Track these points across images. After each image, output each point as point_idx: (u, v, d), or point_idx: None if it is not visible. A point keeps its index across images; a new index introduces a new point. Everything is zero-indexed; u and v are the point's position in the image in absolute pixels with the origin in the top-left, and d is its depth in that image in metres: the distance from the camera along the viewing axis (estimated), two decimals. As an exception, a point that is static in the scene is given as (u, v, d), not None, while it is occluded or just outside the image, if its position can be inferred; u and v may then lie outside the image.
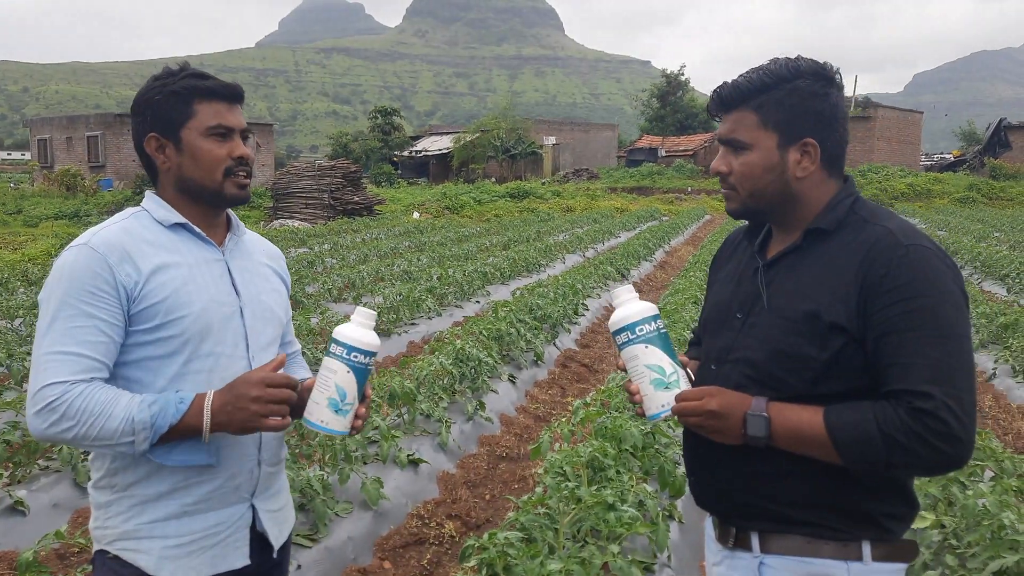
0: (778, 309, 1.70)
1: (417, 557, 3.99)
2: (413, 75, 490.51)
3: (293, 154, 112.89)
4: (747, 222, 1.89)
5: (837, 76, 1.71)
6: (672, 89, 59.81)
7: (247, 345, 1.84)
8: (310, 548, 3.70)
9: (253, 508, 1.87)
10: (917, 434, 1.51)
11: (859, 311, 1.59)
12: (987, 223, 21.70)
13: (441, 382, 5.78)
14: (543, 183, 40.85)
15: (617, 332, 1.75)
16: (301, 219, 24.68)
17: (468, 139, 47.01)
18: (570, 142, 53.90)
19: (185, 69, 1.84)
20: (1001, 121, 42.98)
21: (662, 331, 1.74)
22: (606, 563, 2.92)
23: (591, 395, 5.25)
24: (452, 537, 4.19)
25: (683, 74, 60.06)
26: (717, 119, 1.79)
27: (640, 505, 3.47)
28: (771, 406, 1.63)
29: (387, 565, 3.90)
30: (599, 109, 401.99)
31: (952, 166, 44.15)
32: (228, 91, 1.84)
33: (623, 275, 12.72)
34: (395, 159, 51.64)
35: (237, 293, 1.86)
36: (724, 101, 1.73)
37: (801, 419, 1.61)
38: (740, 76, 1.73)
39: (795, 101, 1.68)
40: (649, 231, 19.25)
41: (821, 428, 1.58)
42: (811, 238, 1.71)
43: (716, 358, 1.81)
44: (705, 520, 1.94)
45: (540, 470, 4.07)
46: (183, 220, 1.83)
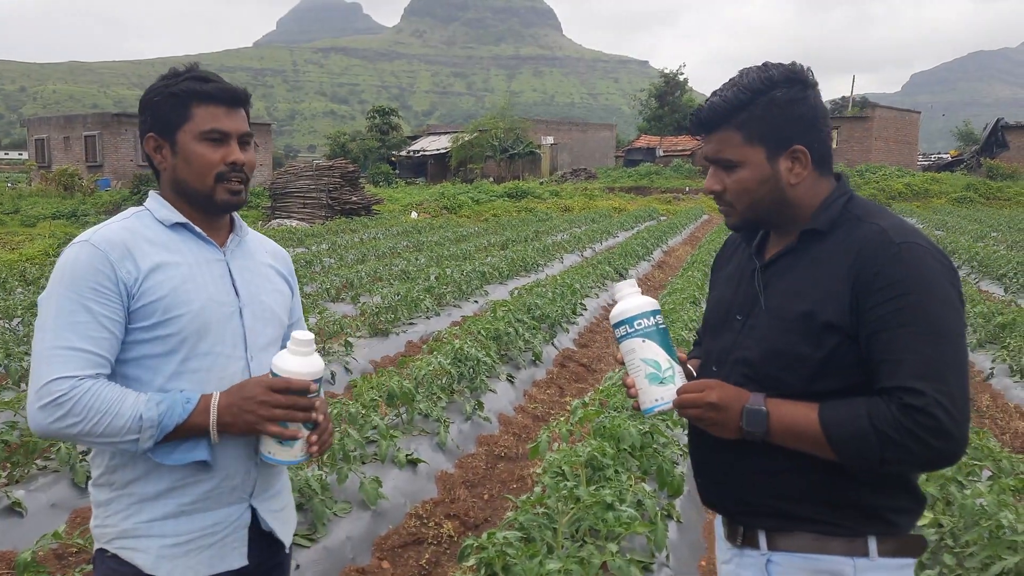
0: (775, 310, 1.72)
1: (416, 557, 3.99)
2: (411, 75, 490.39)
3: (291, 154, 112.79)
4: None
5: (810, 75, 1.71)
6: (670, 89, 59.82)
7: (246, 345, 1.84)
8: (308, 548, 3.70)
9: (253, 509, 1.86)
10: (908, 430, 1.52)
11: (852, 309, 1.60)
12: (984, 223, 21.72)
13: (439, 382, 5.78)
14: (541, 183, 40.84)
15: (617, 325, 1.78)
16: (299, 219, 24.68)
17: (466, 139, 47.01)
18: (568, 142, 53.91)
19: (191, 71, 1.83)
20: (998, 121, 42.99)
21: (661, 326, 1.76)
22: (605, 562, 2.92)
23: (589, 395, 5.25)
24: (451, 537, 4.19)
25: (682, 74, 60.10)
26: (699, 139, 1.79)
27: (638, 505, 3.47)
28: (769, 401, 1.65)
29: (386, 565, 3.90)
30: (597, 109, 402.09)
31: (949, 166, 44.18)
32: (227, 95, 1.82)
33: (621, 275, 12.72)
34: (393, 159, 51.64)
35: (237, 293, 1.85)
36: (704, 123, 1.74)
37: (797, 414, 1.62)
38: (715, 96, 1.73)
39: (775, 112, 1.68)
40: (647, 231, 19.26)
41: (816, 424, 1.60)
42: (806, 239, 1.73)
43: (717, 359, 1.82)
44: (715, 519, 1.95)
45: (538, 470, 4.08)
46: (184, 220, 1.84)
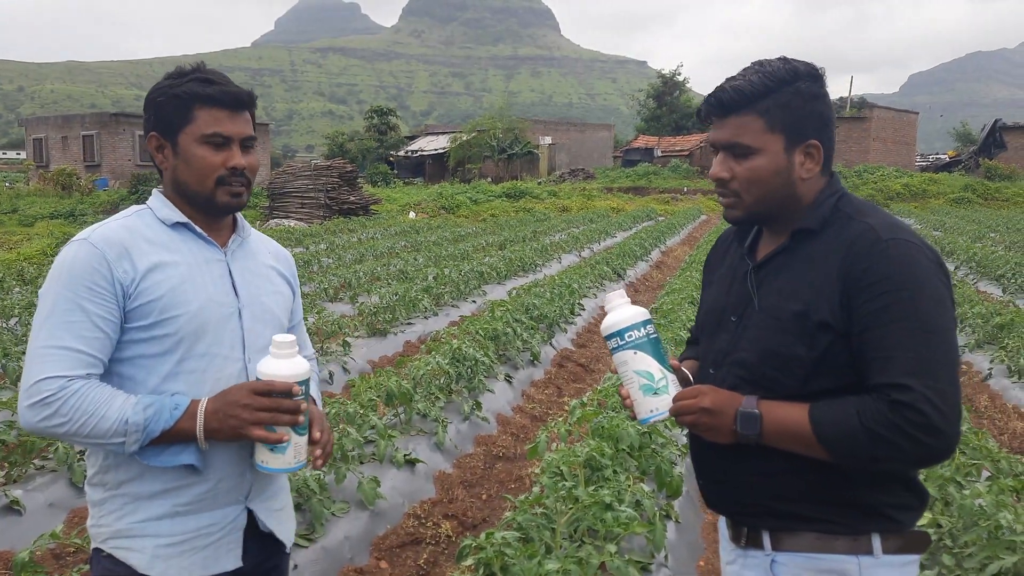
0: (768, 310, 1.71)
1: (414, 557, 3.99)
2: (409, 75, 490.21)
3: (289, 154, 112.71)
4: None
5: (823, 75, 1.73)
6: (668, 89, 59.87)
7: (244, 347, 1.83)
8: (307, 548, 3.69)
9: (249, 511, 1.86)
10: (897, 426, 1.52)
11: (843, 307, 1.60)
12: (982, 223, 21.74)
13: (438, 382, 5.77)
14: (539, 183, 40.83)
15: (608, 337, 1.77)
16: (297, 219, 24.66)
17: (464, 139, 47.00)
18: (566, 142, 53.92)
19: (196, 71, 1.81)
20: (996, 122, 43.05)
21: (652, 336, 1.75)
22: (603, 563, 2.92)
23: (588, 395, 5.24)
24: (449, 537, 4.18)
25: (679, 74, 60.15)
26: (708, 123, 1.75)
27: (637, 505, 3.47)
28: (761, 404, 1.65)
29: (384, 565, 3.90)
30: (595, 109, 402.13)
31: (947, 167, 44.20)
32: (231, 98, 1.80)
33: (619, 275, 12.72)
34: (391, 159, 51.63)
35: (236, 294, 1.85)
36: (726, 105, 1.69)
37: (789, 416, 1.62)
38: (738, 79, 1.69)
39: (799, 104, 1.67)
40: (645, 231, 19.27)
41: (807, 425, 1.60)
42: (798, 238, 1.72)
43: (713, 361, 1.82)
44: (716, 520, 1.95)
45: (537, 470, 4.08)
46: (185, 219, 1.83)
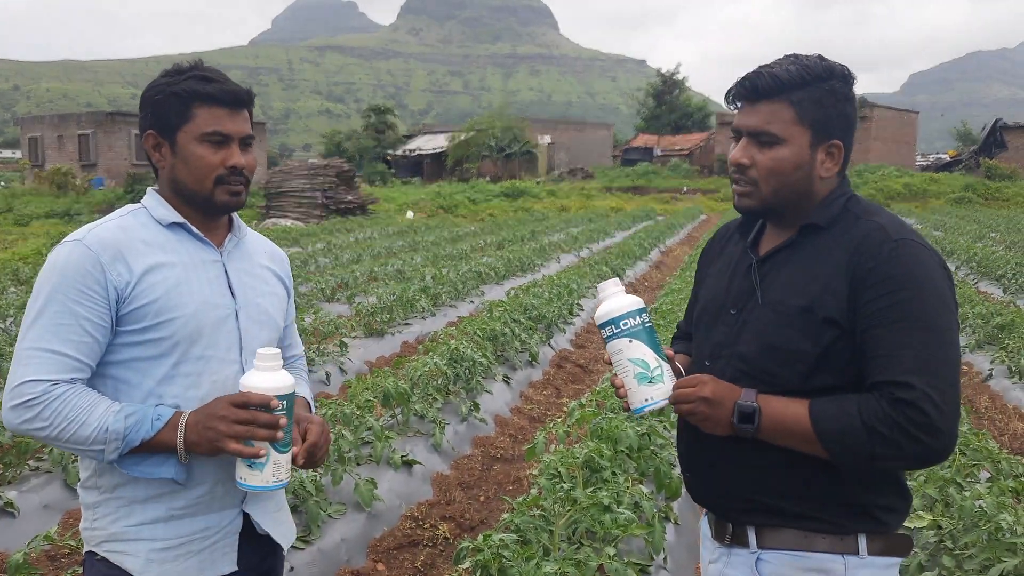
0: (772, 304, 1.71)
1: (411, 559, 3.97)
2: (407, 73, 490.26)
3: (286, 153, 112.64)
4: (741, 217, 1.87)
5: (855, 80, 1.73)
6: (668, 88, 59.96)
7: (240, 349, 1.81)
8: (303, 550, 3.67)
9: (245, 515, 1.83)
10: (898, 424, 1.52)
11: (849, 304, 1.60)
12: (983, 223, 21.72)
13: (435, 383, 5.75)
14: (538, 182, 40.84)
15: (602, 326, 1.76)
16: (294, 218, 24.65)
17: (462, 138, 47.04)
18: (565, 141, 53.96)
19: (194, 68, 1.78)
20: (997, 121, 43.06)
21: (647, 325, 1.74)
22: (601, 565, 2.90)
23: (586, 396, 5.22)
24: (446, 539, 4.17)
25: (679, 73, 60.20)
26: (736, 107, 1.73)
27: (636, 507, 3.45)
28: (760, 397, 1.65)
29: (381, 567, 3.88)
30: (594, 108, 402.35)
31: (948, 166, 44.22)
32: (230, 97, 1.78)
33: (618, 275, 12.70)
34: (389, 158, 51.63)
35: (233, 295, 1.82)
36: (760, 90, 1.68)
37: (787, 411, 1.62)
38: (774, 67, 1.68)
39: (831, 101, 1.67)
40: (644, 231, 19.27)
41: (806, 420, 1.60)
42: (805, 233, 1.72)
43: (710, 354, 1.81)
44: (700, 519, 1.93)
45: (535, 471, 4.06)
46: (181, 220, 1.80)
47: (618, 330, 1.73)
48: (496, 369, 6.72)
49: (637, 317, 1.73)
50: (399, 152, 52.59)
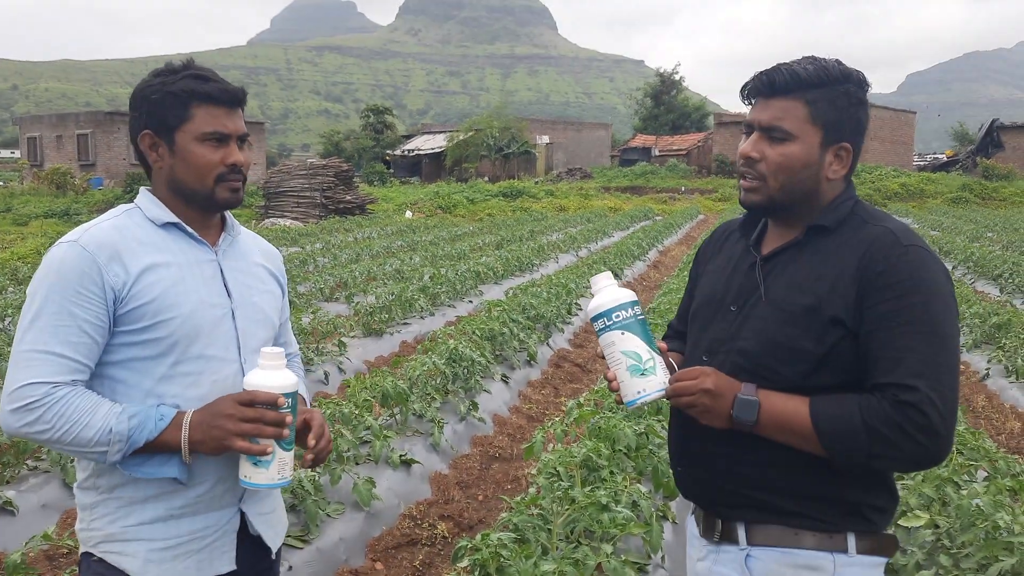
0: (776, 301, 1.71)
1: (409, 558, 3.97)
2: (405, 73, 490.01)
3: (285, 153, 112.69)
4: (742, 216, 1.89)
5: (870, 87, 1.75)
6: (666, 88, 59.95)
7: (239, 348, 1.81)
8: (302, 549, 3.67)
9: (242, 513, 1.83)
10: (899, 426, 1.53)
11: (856, 305, 1.61)
12: (980, 223, 21.75)
13: (434, 382, 5.75)
14: (536, 182, 40.84)
15: (595, 319, 1.76)
16: (293, 218, 24.64)
17: (461, 138, 46.99)
18: (563, 141, 53.92)
19: (187, 68, 1.78)
20: (994, 121, 43.10)
21: (640, 317, 1.74)
22: (599, 564, 2.90)
23: (584, 395, 5.23)
24: (444, 538, 4.17)
25: (677, 73, 60.19)
26: (751, 103, 1.75)
27: (634, 506, 3.45)
28: (760, 392, 1.65)
29: (379, 566, 3.88)
30: (592, 108, 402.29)
31: (945, 166, 44.25)
32: (228, 96, 1.78)
33: (616, 275, 12.71)
34: (387, 158, 51.61)
35: (229, 295, 1.82)
36: (776, 86, 1.69)
37: (787, 407, 1.63)
38: (793, 65, 1.70)
39: (844, 104, 1.69)
40: (642, 231, 19.26)
41: (806, 418, 1.61)
42: (812, 234, 1.73)
43: (707, 349, 1.81)
44: (687, 517, 1.93)
45: (533, 470, 4.06)
46: (175, 219, 1.80)
47: (610, 322, 1.72)
48: (494, 368, 6.73)
49: (629, 309, 1.73)
50: (398, 152, 52.57)
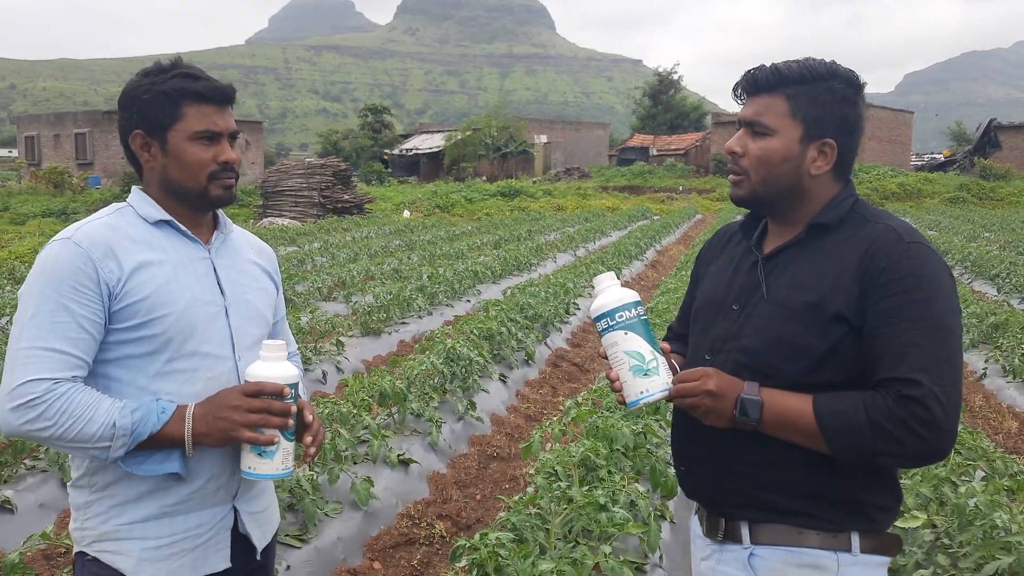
0: (778, 299, 1.72)
1: (407, 557, 3.97)
2: (404, 73, 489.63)
3: (283, 152, 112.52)
4: (742, 217, 1.90)
5: (864, 87, 1.75)
6: (664, 88, 59.96)
7: (233, 345, 1.81)
8: (299, 548, 3.67)
9: (235, 510, 1.83)
10: (903, 421, 1.53)
11: (859, 301, 1.62)
12: (977, 223, 21.76)
13: (431, 381, 5.75)
14: (534, 182, 40.84)
15: (597, 319, 1.76)
16: (291, 217, 24.62)
17: (459, 137, 46.98)
18: (561, 141, 53.91)
19: (176, 67, 1.79)
20: (991, 121, 43.12)
21: (643, 318, 1.74)
22: (597, 563, 2.90)
23: (582, 394, 5.23)
24: (442, 537, 4.17)
25: (675, 73, 60.20)
26: (741, 100, 1.79)
27: (632, 505, 3.45)
28: (763, 391, 1.66)
29: (377, 565, 3.88)
30: (590, 108, 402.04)
31: (942, 166, 44.27)
32: (218, 94, 1.79)
33: (616, 275, 12.71)
34: (385, 157, 51.57)
35: (222, 292, 1.83)
36: (759, 83, 1.74)
37: (790, 405, 1.63)
38: (779, 63, 1.74)
39: (827, 100, 1.71)
40: (640, 230, 19.27)
41: (810, 415, 1.61)
42: (812, 232, 1.74)
43: (710, 348, 1.81)
44: (691, 517, 1.94)
45: (531, 470, 4.06)
46: (168, 217, 1.80)
47: (613, 323, 1.72)
48: (492, 368, 6.73)
49: (632, 310, 1.73)
50: (396, 151, 52.54)
